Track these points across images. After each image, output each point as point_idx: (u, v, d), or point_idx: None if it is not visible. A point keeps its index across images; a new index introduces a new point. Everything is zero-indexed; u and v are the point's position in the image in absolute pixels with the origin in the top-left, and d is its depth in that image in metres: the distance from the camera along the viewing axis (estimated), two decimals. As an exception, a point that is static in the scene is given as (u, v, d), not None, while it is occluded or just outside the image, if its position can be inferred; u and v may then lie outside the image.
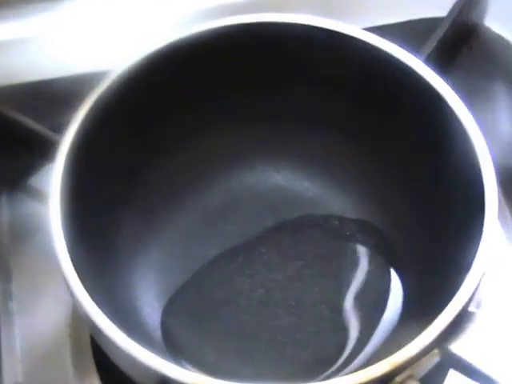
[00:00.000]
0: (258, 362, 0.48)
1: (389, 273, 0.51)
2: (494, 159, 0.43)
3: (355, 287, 0.51)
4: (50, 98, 0.58)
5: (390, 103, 0.49)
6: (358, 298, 0.50)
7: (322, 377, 0.48)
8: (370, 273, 0.51)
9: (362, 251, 0.52)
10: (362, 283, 0.51)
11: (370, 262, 0.52)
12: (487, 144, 0.43)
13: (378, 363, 0.38)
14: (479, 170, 0.42)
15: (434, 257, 0.47)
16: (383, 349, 0.48)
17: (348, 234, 0.53)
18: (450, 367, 0.45)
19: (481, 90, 0.58)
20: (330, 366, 0.48)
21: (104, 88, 0.46)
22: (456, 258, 0.42)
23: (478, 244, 0.41)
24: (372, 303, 0.50)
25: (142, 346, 0.38)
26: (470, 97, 0.51)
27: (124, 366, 0.42)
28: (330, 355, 0.49)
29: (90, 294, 0.40)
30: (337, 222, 0.53)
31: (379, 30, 0.49)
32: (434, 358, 0.40)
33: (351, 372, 0.38)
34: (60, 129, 0.46)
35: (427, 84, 0.45)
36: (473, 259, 0.40)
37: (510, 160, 0.56)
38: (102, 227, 0.47)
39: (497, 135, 0.56)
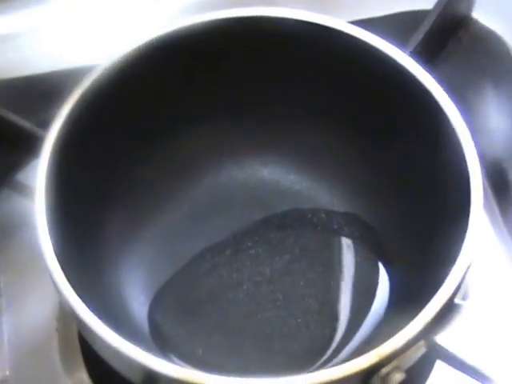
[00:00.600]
0: (246, 356, 0.48)
1: (376, 266, 0.51)
2: (481, 153, 0.43)
3: (342, 280, 0.51)
4: (37, 93, 0.58)
5: (376, 97, 0.48)
6: (346, 291, 0.51)
7: (310, 369, 0.48)
8: (357, 266, 0.51)
9: (350, 244, 0.52)
10: (349, 276, 0.51)
11: (358, 255, 0.52)
12: (474, 137, 0.44)
13: (364, 355, 0.38)
14: (465, 162, 0.43)
15: (421, 250, 0.47)
16: (371, 341, 0.48)
17: (335, 227, 0.53)
18: (436, 358, 0.45)
19: (469, 83, 0.58)
20: (317, 359, 0.48)
21: (89, 83, 0.45)
22: (442, 251, 0.42)
23: (464, 236, 0.41)
24: (359, 296, 0.50)
25: (129, 340, 0.38)
26: (458, 89, 0.51)
27: (110, 360, 0.42)
28: (318, 348, 0.49)
29: (75, 290, 0.40)
30: (324, 216, 0.53)
31: (366, 24, 0.49)
32: (421, 350, 0.40)
33: (338, 364, 0.38)
34: (47, 124, 0.45)
35: (412, 77, 0.45)
36: (459, 251, 0.40)
37: (497, 154, 0.56)
38: (89, 222, 0.47)
39: (484, 128, 0.56)
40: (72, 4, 0.62)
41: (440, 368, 0.48)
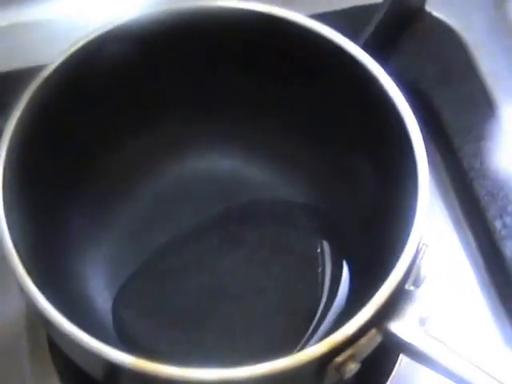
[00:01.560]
0: (208, 350, 0.48)
1: (336, 256, 0.51)
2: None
3: (303, 272, 0.51)
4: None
5: (329, 90, 0.49)
6: (306, 283, 0.51)
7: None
8: (317, 257, 0.51)
9: (309, 236, 0.52)
10: (309, 267, 0.51)
11: (317, 246, 0.52)
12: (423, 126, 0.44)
13: (316, 344, 0.38)
14: (413, 153, 0.43)
15: (376, 238, 0.47)
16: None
17: (295, 218, 0.53)
18: (399, 352, 0.46)
19: (422, 75, 0.59)
20: (280, 353, 0.48)
21: (44, 77, 0.45)
22: (394, 238, 0.43)
23: (412, 223, 0.41)
24: (320, 288, 0.50)
25: (93, 335, 0.39)
26: (412, 82, 0.51)
27: (74, 356, 0.42)
28: (280, 341, 0.49)
29: (37, 285, 0.40)
30: (284, 207, 0.53)
31: (323, 17, 0.49)
32: (375, 339, 0.41)
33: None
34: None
35: (360, 65, 0.46)
36: (407, 238, 0.41)
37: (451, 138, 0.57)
38: (51, 217, 0.47)
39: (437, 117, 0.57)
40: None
41: (404, 362, 0.49)
